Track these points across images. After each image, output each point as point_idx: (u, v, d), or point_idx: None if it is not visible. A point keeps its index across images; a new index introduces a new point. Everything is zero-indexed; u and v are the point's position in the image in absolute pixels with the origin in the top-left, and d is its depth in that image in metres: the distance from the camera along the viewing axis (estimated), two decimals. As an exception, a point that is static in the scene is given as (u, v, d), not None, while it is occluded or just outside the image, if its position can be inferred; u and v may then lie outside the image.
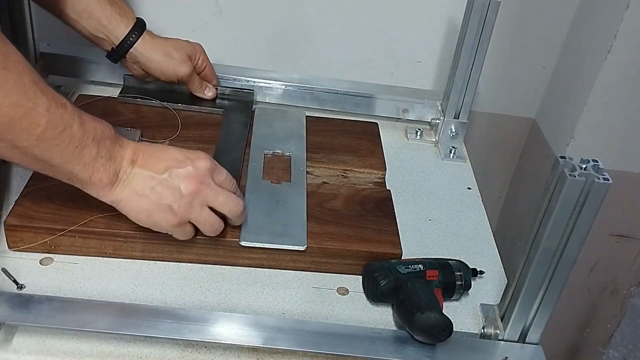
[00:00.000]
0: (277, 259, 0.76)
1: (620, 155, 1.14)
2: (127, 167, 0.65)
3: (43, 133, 0.58)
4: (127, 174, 0.65)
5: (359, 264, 0.76)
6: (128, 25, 0.90)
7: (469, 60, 0.97)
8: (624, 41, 1.02)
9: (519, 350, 0.68)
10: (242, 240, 0.74)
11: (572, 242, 0.61)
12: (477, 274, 0.77)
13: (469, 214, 0.91)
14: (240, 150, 0.88)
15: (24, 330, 0.64)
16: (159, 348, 0.65)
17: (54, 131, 0.58)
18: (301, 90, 1.05)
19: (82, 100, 0.95)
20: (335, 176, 0.88)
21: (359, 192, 0.85)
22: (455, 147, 1.02)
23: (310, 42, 1.17)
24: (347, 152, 0.92)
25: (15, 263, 0.71)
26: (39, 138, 0.58)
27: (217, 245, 0.74)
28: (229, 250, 0.75)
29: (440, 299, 0.71)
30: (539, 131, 1.25)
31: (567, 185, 0.57)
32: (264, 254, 0.75)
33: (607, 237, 1.23)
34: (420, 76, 1.20)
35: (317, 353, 0.66)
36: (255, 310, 0.71)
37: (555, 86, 1.21)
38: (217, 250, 0.74)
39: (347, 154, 0.92)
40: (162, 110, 0.95)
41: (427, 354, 0.66)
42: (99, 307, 0.65)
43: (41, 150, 0.59)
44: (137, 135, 0.87)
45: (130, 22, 0.91)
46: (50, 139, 0.59)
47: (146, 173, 0.66)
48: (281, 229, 0.76)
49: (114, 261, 0.74)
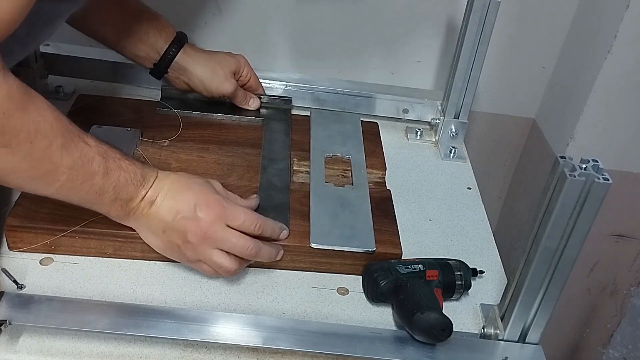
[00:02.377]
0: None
1: (620, 155, 1.14)
2: (144, 206, 0.68)
3: (62, 186, 0.62)
4: (143, 213, 0.68)
5: (359, 264, 0.76)
6: (167, 40, 0.91)
7: (469, 60, 0.97)
8: (624, 41, 1.02)
9: (519, 350, 0.68)
10: (312, 242, 0.75)
11: (572, 242, 0.61)
12: (477, 274, 0.77)
13: (469, 214, 0.91)
14: (286, 160, 0.88)
15: (23, 330, 0.64)
16: (159, 348, 0.65)
17: (73, 184, 0.62)
18: (301, 90, 1.05)
19: (82, 100, 0.95)
20: (334, 176, 0.88)
21: None
22: (455, 147, 1.02)
23: (310, 42, 1.17)
24: None
25: (15, 263, 0.71)
26: (58, 189, 0.62)
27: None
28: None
29: (440, 299, 0.71)
30: (539, 131, 1.25)
31: (567, 185, 0.57)
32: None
33: (607, 237, 1.23)
34: (420, 76, 1.20)
35: (317, 353, 0.66)
36: (255, 310, 0.71)
37: (555, 86, 1.21)
38: None
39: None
40: (163, 112, 0.95)
41: (427, 354, 0.66)
42: (99, 307, 0.65)
43: (61, 196, 0.64)
44: (137, 136, 0.87)
45: (169, 37, 0.91)
46: (70, 189, 0.63)
47: (159, 216, 0.68)
48: (349, 232, 0.77)
49: (114, 261, 0.74)
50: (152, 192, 0.68)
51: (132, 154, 0.84)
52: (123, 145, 0.84)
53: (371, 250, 0.75)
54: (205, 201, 0.68)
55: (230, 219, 0.68)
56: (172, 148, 0.88)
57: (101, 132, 0.87)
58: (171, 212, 0.67)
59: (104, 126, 0.88)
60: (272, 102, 1.00)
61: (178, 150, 0.88)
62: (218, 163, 0.87)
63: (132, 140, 0.86)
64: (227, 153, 0.89)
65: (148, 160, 0.84)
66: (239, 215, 0.69)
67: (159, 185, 0.68)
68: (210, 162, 0.86)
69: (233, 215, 0.69)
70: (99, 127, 0.87)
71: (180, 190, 0.69)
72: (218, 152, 0.89)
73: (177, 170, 0.83)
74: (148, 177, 0.68)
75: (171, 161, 0.86)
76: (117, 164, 0.65)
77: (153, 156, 0.86)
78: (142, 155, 0.85)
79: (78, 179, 0.62)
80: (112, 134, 0.86)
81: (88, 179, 0.63)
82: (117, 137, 0.86)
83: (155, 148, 0.87)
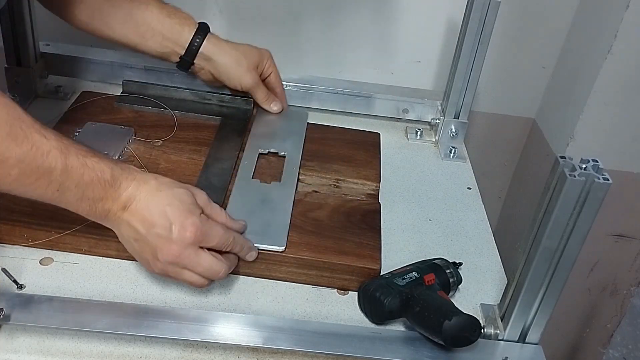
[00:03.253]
0: (252, 266, 0.73)
1: (620, 155, 1.14)
2: (117, 210, 0.64)
3: (16, 180, 0.59)
4: (116, 216, 0.65)
5: (337, 277, 0.74)
6: (190, 32, 0.91)
7: (469, 60, 0.97)
8: (624, 41, 1.02)
9: (519, 350, 0.68)
10: None
11: (572, 242, 0.61)
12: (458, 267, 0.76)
13: (469, 214, 0.90)
14: (232, 160, 0.86)
15: (24, 330, 0.64)
16: (159, 348, 0.65)
17: (28, 179, 0.59)
18: (301, 90, 1.05)
19: (84, 97, 0.95)
20: (327, 185, 0.86)
21: (346, 203, 0.82)
22: (455, 147, 1.02)
23: (310, 42, 1.17)
24: (342, 161, 0.90)
25: (15, 263, 0.71)
26: (11, 184, 0.59)
27: None
28: None
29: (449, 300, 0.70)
30: (539, 131, 1.25)
31: (567, 185, 0.57)
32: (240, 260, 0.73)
33: (607, 237, 1.23)
34: (420, 76, 1.20)
35: (317, 353, 0.65)
36: (255, 310, 0.71)
37: (555, 86, 1.21)
38: None
39: (342, 164, 0.89)
40: (161, 112, 0.95)
41: (427, 353, 0.66)
42: (99, 307, 0.65)
43: (19, 192, 0.61)
44: (130, 135, 0.87)
45: (192, 28, 0.91)
46: (26, 185, 0.60)
47: (132, 224, 0.65)
48: (261, 229, 0.74)
49: (114, 261, 0.74)
50: (127, 197, 0.64)
51: (122, 151, 0.84)
52: (113, 142, 0.85)
53: (280, 249, 0.72)
54: (181, 223, 0.64)
55: (205, 241, 0.66)
56: (164, 148, 0.88)
57: (94, 128, 0.87)
58: (144, 224, 0.64)
59: (98, 123, 0.88)
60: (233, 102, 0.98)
61: (170, 151, 0.87)
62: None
63: (123, 138, 0.86)
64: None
65: (139, 159, 0.84)
66: (213, 237, 0.67)
67: (136, 191, 0.65)
68: (200, 165, 0.85)
69: (208, 237, 0.66)
70: (92, 124, 0.88)
71: (158, 203, 0.65)
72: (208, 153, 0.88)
73: (165, 171, 0.82)
74: (120, 179, 0.64)
75: (160, 161, 0.85)
76: (81, 161, 0.62)
77: (144, 155, 0.85)
78: (132, 154, 0.85)
79: (32, 174, 0.59)
80: (104, 130, 0.87)
81: (44, 174, 0.59)
82: (109, 134, 0.86)
83: (147, 147, 0.87)
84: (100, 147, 0.82)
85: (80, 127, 0.87)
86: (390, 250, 0.80)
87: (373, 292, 0.69)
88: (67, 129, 0.87)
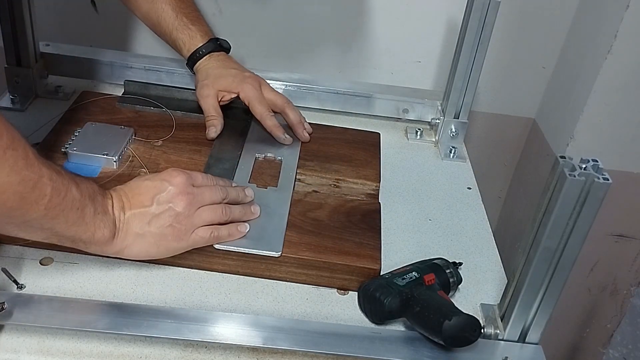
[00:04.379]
0: (251, 266, 0.73)
1: (620, 155, 1.14)
2: (119, 215, 0.67)
3: (50, 201, 0.59)
4: (122, 221, 0.67)
5: (336, 277, 0.74)
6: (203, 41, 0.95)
7: (469, 60, 0.97)
8: (624, 41, 1.02)
9: (519, 350, 0.68)
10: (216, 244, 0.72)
11: (572, 242, 0.61)
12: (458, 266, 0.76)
13: (469, 214, 0.90)
14: (233, 160, 0.87)
15: (24, 330, 0.64)
16: (159, 348, 0.65)
17: (58, 198, 0.60)
18: (301, 90, 1.05)
19: (84, 97, 0.95)
20: (327, 185, 0.86)
21: (346, 203, 0.82)
22: (455, 147, 1.02)
23: (310, 42, 1.17)
24: (342, 161, 0.90)
25: (15, 263, 0.71)
26: (46, 207, 0.59)
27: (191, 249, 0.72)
28: (203, 255, 0.73)
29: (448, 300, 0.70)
30: (539, 131, 1.25)
31: (567, 185, 0.57)
32: (238, 260, 0.73)
33: (607, 237, 1.23)
34: (420, 76, 1.20)
35: (317, 353, 0.65)
36: (255, 310, 0.71)
37: (555, 86, 1.21)
38: (191, 254, 0.72)
39: (342, 163, 0.89)
40: (161, 112, 0.95)
41: (427, 353, 0.66)
42: (99, 307, 0.65)
43: (48, 219, 0.60)
44: (129, 134, 0.87)
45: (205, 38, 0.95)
46: (56, 206, 0.60)
47: (137, 212, 0.68)
48: (258, 234, 0.74)
49: (114, 261, 0.74)
50: (117, 199, 0.67)
51: (121, 151, 0.84)
52: (113, 142, 0.85)
53: (276, 254, 0.72)
54: (166, 174, 0.70)
55: (192, 178, 0.71)
56: (164, 148, 0.88)
57: (94, 128, 0.87)
58: (147, 200, 0.68)
59: (98, 123, 0.88)
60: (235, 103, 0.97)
61: (169, 151, 0.87)
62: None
63: (123, 138, 0.86)
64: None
65: (139, 159, 0.84)
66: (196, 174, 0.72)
67: (117, 193, 0.68)
68: (200, 165, 0.85)
69: (193, 175, 0.72)
70: (92, 124, 0.88)
71: (139, 185, 0.70)
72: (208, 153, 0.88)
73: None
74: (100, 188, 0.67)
75: (160, 161, 0.85)
76: (79, 177, 0.64)
77: (144, 155, 0.86)
78: (132, 154, 0.85)
79: (60, 191, 0.60)
80: (103, 130, 0.87)
81: (67, 191, 0.61)
82: (109, 134, 0.86)
83: (147, 148, 0.87)
84: (100, 147, 0.83)
85: (80, 127, 0.87)
86: (390, 250, 0.80)
87: (373, 292, 0.69)
88: (67, 129, 0.87)
